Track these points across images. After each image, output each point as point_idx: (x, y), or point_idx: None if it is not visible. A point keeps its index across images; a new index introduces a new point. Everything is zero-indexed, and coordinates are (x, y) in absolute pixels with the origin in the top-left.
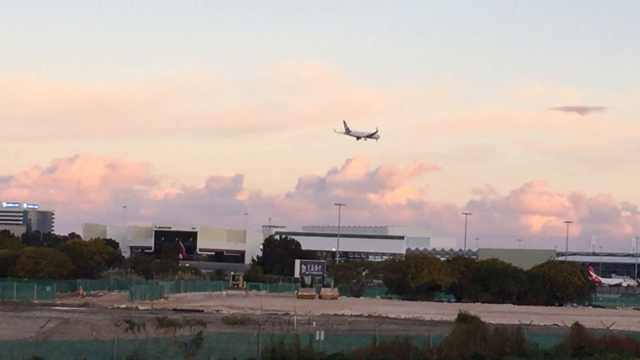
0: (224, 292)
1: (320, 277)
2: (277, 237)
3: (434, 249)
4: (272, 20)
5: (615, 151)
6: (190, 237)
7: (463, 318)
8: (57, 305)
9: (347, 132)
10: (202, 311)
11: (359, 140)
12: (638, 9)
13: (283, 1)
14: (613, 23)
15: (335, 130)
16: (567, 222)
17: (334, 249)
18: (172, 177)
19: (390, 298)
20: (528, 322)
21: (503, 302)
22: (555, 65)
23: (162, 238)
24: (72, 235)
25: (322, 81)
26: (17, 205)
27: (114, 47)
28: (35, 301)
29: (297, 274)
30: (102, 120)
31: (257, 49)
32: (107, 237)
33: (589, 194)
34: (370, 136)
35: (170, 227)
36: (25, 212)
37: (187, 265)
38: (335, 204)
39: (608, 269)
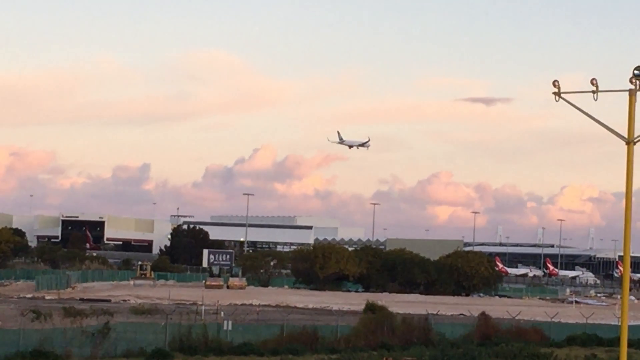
0: (132, 282)
1: (228, 267)
2: (185, 226)
3: (342, 239)
4: (180, 8)
5: (520, 142)
6: (97, 226)
7: (371, 308)
8: None
9: (341, 141)
10: (110, 301)
11: (351, 148)
12: (544, 0)
13: None
14: (519, 14)
15: (328, 140)
16: (474, 212)
17: (242, 239)
18: (79, 166)
19: (299, 288)
20: (435, 312)
21: (411, 292)
22: (462, 56)
23: (69, 227)
24: None
25: (230, 70)
26: None
27: (18, 33)
28: None
29: (205, 264)
30: (7, 108)
31: (165, 37)
32: (14, 227)
33: (495, 184)
34: (362, 145)
35: (77, 217)
36: None
37: (95, 254)
38: (244, 194)
39: (514, 259)
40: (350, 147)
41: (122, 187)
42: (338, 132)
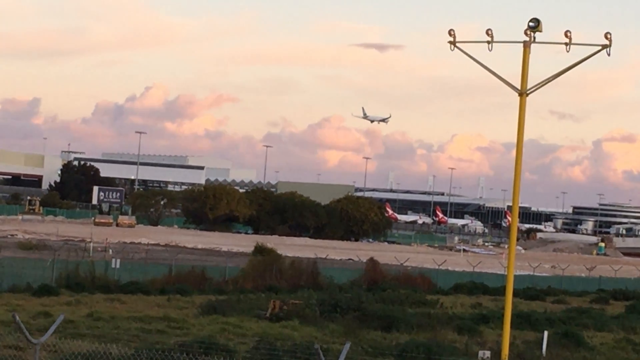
0: (20, 217)
1: (118, 205)
2: (76, 163)
3: (233, 180)
4: None
5: (412, 89)
6: None
7: (259, 250)
8: None
9: (365, 116)
10: None
11: (372, 123)
12: None
13: None
14: None
15: (352, 115)
16: (366, 157)
17: (133, 177)
18: None
19: (188, 228)
20: (324, 256)
21: (300, 236)
22: (357, 0)
23: None
24: None
25: (125, 7)
26: None
27: None
28: None
29: (95, 201)
30: None
31: None
32: None
33: (385, 131)
34: (383, 120)
35: None
36: None
37: None
38: (136, 132)
39: (404, 206)
40: (372, 121)
41: (11, 120)
42: (363, 108)
